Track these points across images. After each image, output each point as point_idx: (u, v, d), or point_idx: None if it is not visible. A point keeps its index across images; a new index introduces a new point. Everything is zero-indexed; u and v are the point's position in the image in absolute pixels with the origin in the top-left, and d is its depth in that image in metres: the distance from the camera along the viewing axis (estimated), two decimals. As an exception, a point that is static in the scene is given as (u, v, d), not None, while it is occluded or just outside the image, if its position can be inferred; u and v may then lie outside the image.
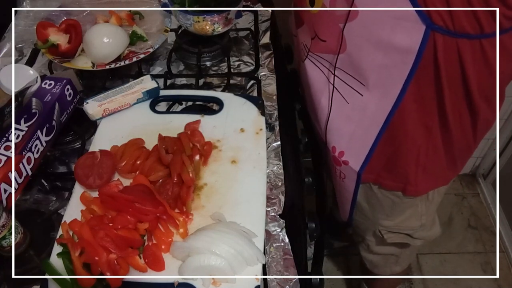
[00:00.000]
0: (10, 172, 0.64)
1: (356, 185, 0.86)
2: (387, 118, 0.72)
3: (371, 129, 0.76)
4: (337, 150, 0.83)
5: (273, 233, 0.66)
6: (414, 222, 0.92)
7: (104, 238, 0.58)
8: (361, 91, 0.73)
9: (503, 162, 1.64)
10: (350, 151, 0.81)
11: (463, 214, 1.74)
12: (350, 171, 0.84)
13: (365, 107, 0.74)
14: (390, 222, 0.91)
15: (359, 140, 0.79)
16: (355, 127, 0.78)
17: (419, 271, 1.58)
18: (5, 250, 0.61)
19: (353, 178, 0.85)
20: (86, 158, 0.70)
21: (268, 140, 0.77)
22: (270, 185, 0.71)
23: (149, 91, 0.81)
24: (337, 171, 0.87)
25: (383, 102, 0.71)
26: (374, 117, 0.74)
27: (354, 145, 0.80)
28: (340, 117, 0.79)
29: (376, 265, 1.12)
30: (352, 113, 0.76)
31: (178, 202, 0.66)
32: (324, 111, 0.81)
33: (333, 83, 0.76)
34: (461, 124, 0.73)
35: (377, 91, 0.71)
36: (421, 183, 0.82)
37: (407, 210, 0.89)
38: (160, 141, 0.71)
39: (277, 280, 0.61)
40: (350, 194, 0.90)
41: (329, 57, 0.75)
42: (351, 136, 0.79)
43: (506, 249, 1.61)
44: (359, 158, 0.80)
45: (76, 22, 0.89)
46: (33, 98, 0.73)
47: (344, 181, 0.88)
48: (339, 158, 0.83)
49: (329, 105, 0.79)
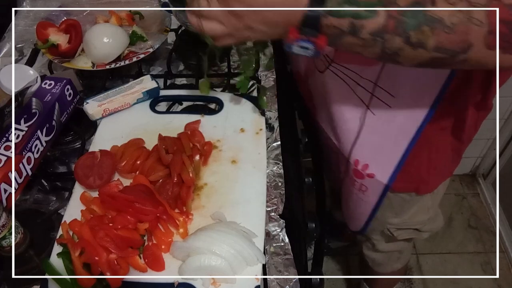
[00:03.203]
0: (10, 172, 0.64)
1: (380, 198, 0.83)
2: (418, 129, 0.70)
3: (399, 140, 0.73)
4: (361, 163, 0.80)
5: (273, 233, 0.66)
6: (422, 216, 0.92)
7: (104, 238, 0.58)
8: (389, 103, 0.70)
9: (503, 162, 1.64)
10: (376, 163, 0.79)
11: (463, 214, 1.74)
12: (375, 184, 0.81)
13: (393, 119, 0.72)
14: (398, 219, 0.90)
15: (386, 152, 0.76)
16: (381, 138, 0.75)
17: (419, 271, 1.58)
18: (5, 250, 0.61)
19: (377, 190, 0.82)
20: (86, 158, 0.70)
21: (268, 140, 0.77)
22: (270, 185, 0.71)
23: (149, 91, 0.81)
24: (356, 184, 0.84)
25: (414, 113, 0.69)
26: (403, 128, 0.72)
27: (380, 157, 0.78)
28: (365, 129, 0.76)
29: (379, 263, 1.12)
30: (378, 125, 0.74)
31: (178, 202, 0.66)
32: (348, 124, 0.78)
33: (360, 96, 0.73)
34: (474, 122, 0.73)
35: (408, 102, 0.69)
36: (432, 181, 0.82)
37: (414, 205, 0.88)
38: (160, 141, 0.71)
39: (277, 280, 0.61)
40: (370, 206, 0.87)
41: (356, 68, 0.72)
42: (377, 148, 0.77)
43: (506, 249, 1.61)
44: (387, 170, 0.78)
45: (76, 22, 0.89)
46: (33, 98, 0.73)
47: (364, 194, 0.85)
48: (363, 171, 0.80)
49: (360, 121, 0.75)
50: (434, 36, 0.49)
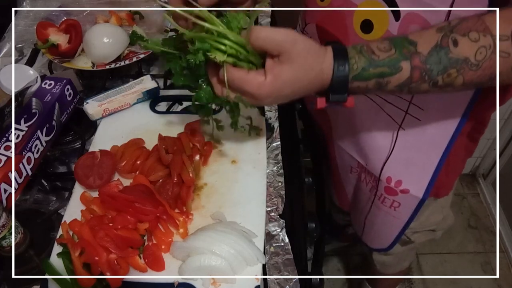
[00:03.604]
0: (10, 172, 0.64)
1: (413, 212, 0.81)
2: (450, 140, 0.69)
3: (431, 153, 0.72)
4: (393, 180, 0.77)
5: (273, 233, 0.66)
6: (437, 216, 0.91)
7: (104, 238, 0.58)
8: (418, 116, 0.68)
9: (503, 162, 1.64)
10: (409, 178, 0.76)
11: (463, 214, 1.74)
12: (409, 199, 0.79)
13: (423, 132, 0.70)
14: (415, 223, 0.88)
15: (419, 166, 0.74)
16: (412, 153, 0.73)
17: (419, 271, 1.58)
18: (5, 250, 0.61)
19: (411, 205, 0.80)
20: (86, 158, 0.70)
21: (268, 140, 0.77)
22: (270, 185, 0.71)
23: (149, 91, 0.81)
24: (387, 202, 0.82)
25: (445, 124, 0.68)
26: (434, 140, 0.71)
27: (413, 172, 0.76)
28: (397, 146, 0.74)
29: (388, 265, 1.11)
30: (409, 139, 0.72)
31: (178, 202, 0.66)
32: (378, 142, 0.76)
33: (390, 113, 0.71)
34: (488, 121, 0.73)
35: (438, 114, 0.67)
36: (449, 182, 0.81)
37: (429, 207, 0.86)
38: (160, 141, 0.71)
39: (277, 280, 0.61)
40: (402, 223, 0.85)
41: None
42: (408, 162, 0.75)
43: (506, 249, 1.61)
44: (422, 184, 0.76)
45: (76, 22, 0.89)
46: (33, 98, 0.73)
47: (396, 210, 0.82)
48: (396, 187, 0.78)
49: (392, 138, 0.73)
50: (461, 76, 0.50)
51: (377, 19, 0.61)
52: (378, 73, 0.51)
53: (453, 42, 0.49)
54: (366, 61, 0.50)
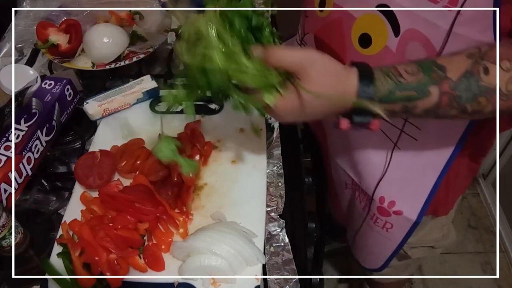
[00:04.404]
0: (10, 172, 0.64)
1: (406, 235, 0.78)
2: (447, 162, 0.67)
3: (427, 174, 0.69)
4: (386, 200, 0.74)
5: (273, 233, 0.66)
6: (437, 233, 0.88)
7: (104, 238, 0.58)
8: (415, 135, 0.66)
9: (503, 162, 1.64)
10: (403, 199, 0.74)
11: (463, 214, 1.74)
12: (402, 221, 0.75)
13: (419, 152, 0.68)
14: (412, 238, 0.84)
15: (414, 187, 0.72)
16: (407, 173, 0.71)
17: (419, 271, 1.58)
18: (5, 250, 0.61)
19: (404, 227, 0.77)
20: (86, 158, 0.70)
21: (268, 140, 0.77)
22: (270, 185, 0.71)
23: (149, 91, 0.81)
24: (379, 222, 0.79)
25: (443, 145, 0.66)
26: (430, 161, 0.68)
27: (407, 193, 0.73)
28: (391, 165, 0.72)
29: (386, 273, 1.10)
30: (405, 160, 0.70)
31: (178, 202, 0.66)
32: (373, 161, 0.74)
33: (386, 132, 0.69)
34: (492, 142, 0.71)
35: (436, 134, 0.65)
36: (450, 203, 0.79)
37: (429, 224, 0.84)
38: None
39: (277, 280, 0.61)
40: (394, 244, 0.82)
41: None
42: (403, 183, 0.72)
43: (506, 249, 1.61)
44: (416, 206, 0.73)
45: (76, 22, 0.89)
46: (33, 98, 0.73)
47: (389, 231, 0.80)
48: (389, 208, 0.75)
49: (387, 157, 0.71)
50: (490, 105, 0.49)
51: (376, 34, 0.60)
52: (406, 96, 0.50)
53: (484, 70, 0.48)
54: (393, 84, 0.50)
